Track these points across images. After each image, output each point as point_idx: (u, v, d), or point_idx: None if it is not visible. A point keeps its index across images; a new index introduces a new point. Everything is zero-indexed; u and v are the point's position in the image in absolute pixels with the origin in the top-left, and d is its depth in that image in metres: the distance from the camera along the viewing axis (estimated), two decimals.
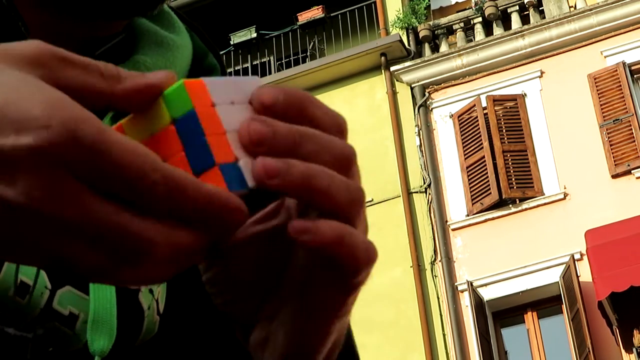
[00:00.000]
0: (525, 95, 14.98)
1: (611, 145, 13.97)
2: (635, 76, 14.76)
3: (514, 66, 15.23)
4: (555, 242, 13.62)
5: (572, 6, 15.45)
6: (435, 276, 14.14)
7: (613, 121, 14.14)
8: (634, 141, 13.90)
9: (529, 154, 14.47)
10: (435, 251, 14.28)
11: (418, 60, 15.67)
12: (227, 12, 17.85)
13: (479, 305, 13.65)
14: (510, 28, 15.71)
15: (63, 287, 0.74)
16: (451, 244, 14.27)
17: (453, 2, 17.05)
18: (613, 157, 13.87)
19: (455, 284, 13.90)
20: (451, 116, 15.20)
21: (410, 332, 13.75)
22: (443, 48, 15.90)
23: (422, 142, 15.11)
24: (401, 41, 15.78)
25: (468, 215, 14.32)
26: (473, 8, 16.22)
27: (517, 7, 15.94)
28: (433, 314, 13.93)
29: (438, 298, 13.99)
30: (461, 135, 14.94)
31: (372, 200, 14.50)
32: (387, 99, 15.72)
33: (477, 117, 14.89)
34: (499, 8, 15.98)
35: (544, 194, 14.08)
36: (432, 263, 14.26)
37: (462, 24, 16.12)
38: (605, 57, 14.74)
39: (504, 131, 14.75)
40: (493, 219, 14.14)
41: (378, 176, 14.74)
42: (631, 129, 14.02)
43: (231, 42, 17.57)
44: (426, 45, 16.09)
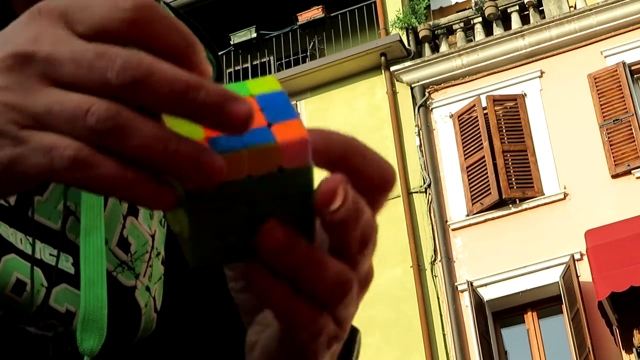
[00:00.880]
0: (525, 95, 14.98)
1: (611, 145, 13.97)
2: (635, 76, 14.76)
3: (514, 66, 15.24)
4: (555, 242, 13.62)
5: (572, 6, 15.45)
6: (435, 276, 14.14)
7: (613, 121, 14.15)
8: (634, 141, 13.90)
9: (529, 154, 14.47)
10: (435, 251, 14.29)
11: (418, 60, 15.68)
12: (227, 12, 17.86)
13: (479, 305, 13.65)
14: (510, 28, 15.71)
15: (59, 285, 0.74)
16: (451, 244, 14.27)
17: (453, 2, 17.05)
18: (613, 157, 13.87)
19: (455, 284, 13.90)
20: (451, 116, 15.20)
21: (410, 332, 13.75)
22: (443, 48, 15.90)
23: (422, 142, 15.12)
24: (401, 41, 15.79)
25: (468, 215, 14.32)
26: (473, 8, 16.22)
27: (517, 7, 15.93)
28: (433, 314, 13.93)
29: (438, 298, 13.99)
30: (461, 135, 14.94)
31: None
32: (387, 99, 15.72)
33: (477, 117, 14.89)
34: (499, 8, 15.98)
35: (544, 194, 14.08)
36: (432, 263, 14.26)
37: (462, 24, 16.12)
38: (605, 57, 14.74)
39: (504, 131, 14.75)
40: (493, 219, 14.14)
41: None
42: (631, 129, 14.02)
43: (231, 42, 17.57)
44: (426, 45, 16.09)
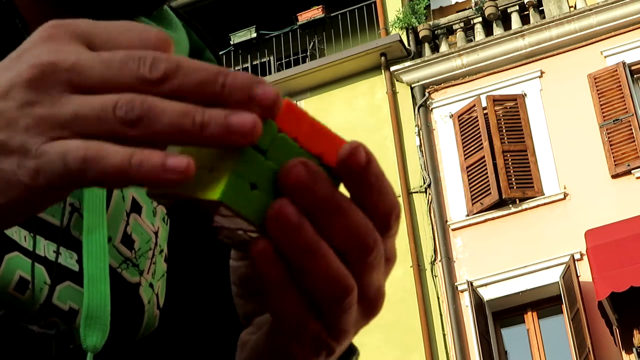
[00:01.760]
0: (525, 95, 14.98)
1: (611, 145, 13.97)
2: (635, 76, 14.76)
3: (514, 66, 15.23)
4: (555, 242, 13.62)
5: (572, 6, 15.45)
6: (435, 276, 14.14)
7: (613, 121, 14.14)
8: (634, 141, 13.90)
9: (529, 154, 14.47)
10: (435, 251, 14.28)
11: (418, 60, 15.67)
12: (227, 12, 17.85)
13: (479, 305, 13.64)
14: (510, 28, 15.71)
15: (62, 283, 0.74)
16: (451, 244, 14.27)
17: (453, 2, 17.04)
18: (613, 157, 13.87)
19: (455, 284, 13.90)
20: (451, 116, 15.20)
21: (410, 332, 13.75)
22: (443, 48, 15.90)
23: (422, 142, 15.11)
24: (401, 41, 15.78)
25: (468, 215, 14.32)
26: (473, 8, 16.21)
27: (517, 7, 15.93)
28: (433, 314, 13.93)
29: (438, 298, 13.99)
30: (461, 135, 14.94)
31: None
32: (387, 99, 15.72)
33: (477, 117, 14.89)
34: (499, 8, 15.97)
35: (544, 194, 14.08)
36: (432, 263, 14.26)
37: (462, 24, 16.11)
38: (605, 57, 14.74)
39: (504, 131, 14.75)
40: (493, 219, 14.14)
41: None
42: (631, 129, 14.02)
43: (231, 42, 17.57)
44: (426, 45, 16.09)
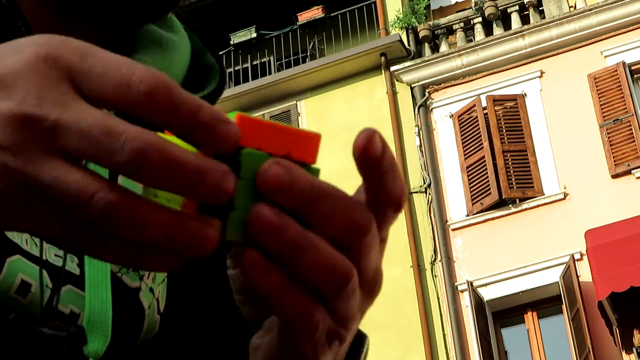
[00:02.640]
0: (525, 95, 14.98)
1: (611, 145, 13.96)
2: (635, 76, 14.76)
3: (514, 66, 15.23)
4: (555, 242, 13.62)
5: (572, 6, 15.44)
6: (435, 276, 14.14)
7: (613, 121, 14.14)
8: (634, 141, 13.90)
9: (529, 154, 14.47)
10: (435, 251, 14.28)
11: (418, 60, 15.67)
12: (227, 12, 17.85)
13: (479, 305, 13.64)
14: (510, 28, 15.71)
15: (64, 286, 0.74)
16: (451, 244, 14.27)
17: (453, 2, 17.04)
18: (613, 157, 13.86)
19: (455, 284, 13.89)
20: (451, 116, 15.20)
21: (410, 332, 13.75)
22: (443, 48, 15.90)
23: (422, 142, 15.11)
24: (401, 41, 15.78)
25: (468, 215, 14.32)
26: (473, 8, 16.21)
27: (517, 7, 15.93)
28: (433, 314, 13.93)
29: (438, 298, 13.99)
30: (461, 135, 14.94)
31: None
32: (387, 99, 15.71)
33: (477, 117, 14.89)
34: (499, 8, 15.97)
35: (544, 194, 14.07)
36: (432, 263, 14.25)
37: (462, 24, 16.11)
38: (605, 57, 14.73)
39: (504, 131, 14.74)
40: (493, 219, 14.14)
41: None
42: (631, 129, 14.02)
43: (231, 42, 17.56)
44: (426, 45, 16.09)
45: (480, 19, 15.96)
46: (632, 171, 13.72)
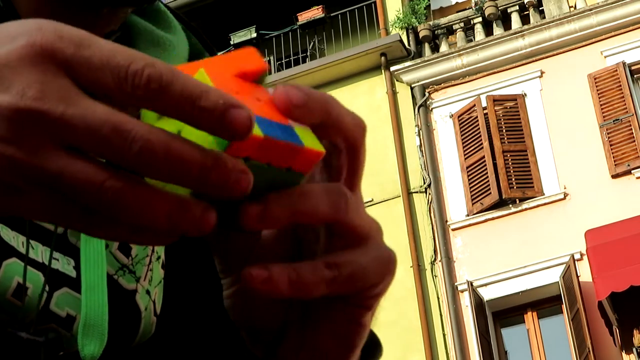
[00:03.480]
0: (525, 95, 14.98)
1: (611, 145, 13.97)
2: (635, 76, 14.76)
3: (514, 66, 15.23)
4: (555, 242, 13.62)
5: (572, 6, 15.44)
6: (435, 276, 14.14)
7: (613, 121, 14.14)
8: (634, 141, 13.90)
9: (529, 154, 14.47)
10: (435, 251, 14.28)
11: (418, 60, 15.67)
12: (227, 12, 17.85)
13: (479, 305, 13.64)
14: (510, 28, 15.71)
15: (60, 289, 0.74)
16: (451, 244, 14.27)
17: (453, 2, 17.04)
18: (613, 157, 13.86)
19: (455, 284, 13.90)
20: (451, 116, 15.20)
21: (410, 332, 13.75)
22: (443, 48, 15.90)
23: (422, 142, 15.11)
24: (401, 41, 15.78)
25: (468, 215, 14.32)
26: (473, 8, 16.21)
27: (517, 7, 15.93)
28: (433, 314, 13.93)
29: (438, 298, 13.99)
30: (461, 135, 14.94)
31: (372, 200, 14.50)
32: (387, 99, 15.72)
33: (477, 117, 14.89)
34: (499, 8, 15.97)
35: (544, 194, 14.07)
36: (432, 263, 14.25)
37: (462, 24, 16.11)
38: (605, 57, 14.73)
39: (504, 131, 14.75)
40: (493, 219, 14.14)
41: (378, 176, 14.74)
42: (631, 129, 14.02)
43: (231, 42, 17.57)
44: (426, 45, 16.09)
45: (480, 19, 15.96)
46: (632, 171, 13.72)
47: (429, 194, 14.66)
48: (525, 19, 15.82)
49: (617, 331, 12.81)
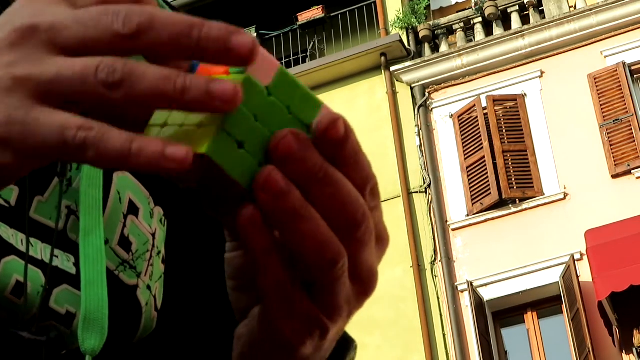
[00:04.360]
0: (525, 95, 14.98)
1: (611, 145, 13.97)
2: (635, 76, 14.76)
3: (514, 66, 15.23)
4: (555, 242, 13.62)
5: (572, 6, 15.45)
6: (435, 276, 14.14)
7: (613, 121, 14.14)
8: (634, 141, 13.90)
9: (529, 154, 14.47)
10: (435, 251, 14.28)
11: (418, 60, 15.67)
12: (227, 12, 17.86)
13: (479, 305, 13.64)
14: (510, 28, 15.71)
15: (60, 286, 0.74)
16: (451, 244, 14.27)
17: (453, 2, 17.04)
18: (613, 157, 13.87)
19: (455, 284, 13.90)
20: (451, 116, 15.20)
21: (410, 332, 13.75)
22: (443, 48, 15.90)
23: (422, 142, 15.11)
24: (401, 41, 15.78)
25: (468, 215, 14.32)
26: (473, 8, 16.21)
27: (517, 7, 15.94)
28: (433, 314, 13.93)
29: (438, 298, 13.99)
30: (461, 135, 14.94)
31: None
32: (387, 99, 15.72)
33: (477, 117, 14.89)
34: (499, 8, 15.97)
35: (544, 194, 14.08)
36: (432, 263, 14.26)
37: (462, 24, 16.11)
38: (605, 57, 14.73)
39: (504, 131, 14.75)
40: (493, 219, 14.14)
41: (378, 176, 14.28)
42: (631, 129, 14.02)
43: None
44: (426, 45, 16.09)
45: (480, 19, 15.97)
46: (632, 171, 13.73)
47: (429, 194, 14.67)
48: (525, 19, 15.82)
49: (617, 331, 12.81)
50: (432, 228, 14.42)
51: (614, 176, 13.82)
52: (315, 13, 17.29)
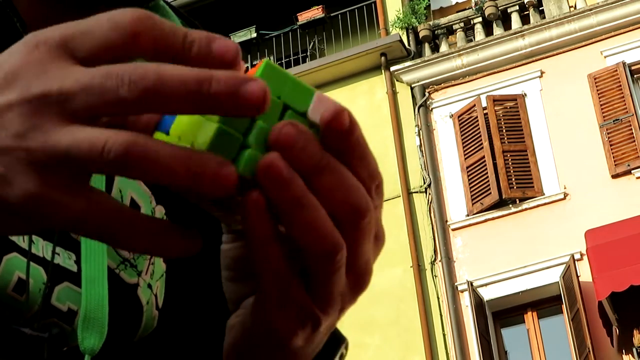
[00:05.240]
0: (525, 95, 14.98)
1: (611, 145, 13.97)
2: (635, 76, 14.76)
3: (514, 66, 15.23)
4: (555, 242, 13.62)
5: (572, 6, 15.45)
6: (435, 276, 14.14)
7: (613, 121, 14.14)
8: (634, 141, 13.90)
9: (529, 154, 14.47)
10: (435, 251, 14.28)
11: (418, 60, 15.67)
12: (227, 12, 17.86)
13: (479, 305, 13.64)
14: (510, 28, 15.71)
15: (61, 283, 0.74)
16: (451, 244, 14.27)
17: (453, 2, 17.04)
18: (613, 157, 13.87)
19: (455, 284, 13.89)
20: (451, 116, 15.20)
21: (410, 332, 13.75)
22: (443, 48, 15.90)
23: (422, 142, 15.11)
24: (401, 41, 15.78)
25: (468, 215, 14.32)
26: (473, 8, 16.21)
27: (517, 7, 15.93)
28: (433, 314, 13.93)
29: (438, 298, 13.99)
30: (461, 135, 14.94)
31: None
32: (387, 99, 15.72)
33: (477, 117, 14.89)
34: (499, 8, 15.97)
35: (544, 194, 14.07)
36: (432, 263, 14.25)
37: (462, 24, 16.11)
38: (605, 57, 14.73)
39: (504, 131, 14.75)
40: (493, 219, 14.14)
41: None
42: (631, 129, 14.02)
43: None
44: (426, 45, 16.09)
45: (480, 19, 15.97)
46: (632, 171, 13.72)
47: (429, 194, 14.67)
48: (525, 19, 15.82)
49: (617, 331, 12.81)
50: (432, 228, 14.42)
51: (614, 176, 13.82)
52: (315, 13, 17.28)
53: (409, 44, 16.04)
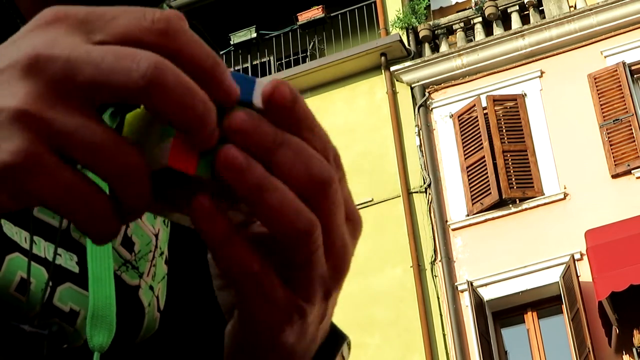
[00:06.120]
0: (525, 95, 14.98)
1: (611, 145, 13.97)
2: (635, 76, 14.76)
3: (514, 66, 15.23)
4: (555, 242, 13.62)
5: (572, 6, 15.44)
6: (435, 276, 14.14)
7: (613, 121, 14.14)
8: (634, 141, 13.90)
9: (529, 154, 14.47)
10: (435, 251, 14.28)
11: (418, 60, 15.67)
12: (227, 12, 17.85)
13: (479, 305, 13.64)
14: (510, 28, 15.71)
15: (63, 284, 0.74)
16: (451, 244, 14.27)
17: (453, 2, 17.04)
18: (613, 157, 13.87)
19: (455, 284, 13.90)
20: (451, 116, 15.20)
21: (410, 332, 13.75)
22: (443, 48, 15.90)
23: (422, 142, 15.11)
24: (401, 41, 15.78)
25: (468, 215, 14.32)
26: (473, 8, 16.21)
27: (517, 7, 15.93)
28: (433, 314, 13.93)
29: (438, 298, 13.99)
30: (461, 135, 14.94)
31: (372, 200, 14.50)
32: (387, 99, 15.72)
33: (477, 117, 14.89)
34: (499, 8, 15.97)
35: (544, 194, 14.08)
36: (432, 263, 14.25)
37: (462, 24, 16.11)
38: (605, 57, 14.73)
39: (504, 131, 14.75)
40: (493, 219, 14.14)
41: (378, 176, 14.75)
42: (631, 129, 14.02)
43: (231, 42, 17.57)
44: (426, 45, 16.09)
45: (480, 19, 15.97)
46: (632, 171, 13.72)
47: (429, 194, 14.66)
48: (525, 19, 15.82)
49: (617, 331, 12.81)
50: (432, 228, 14.42)
51: (614, 176, 13.82)
52: (315, 13, 17.28)
53: (409, 44, 16.04)
